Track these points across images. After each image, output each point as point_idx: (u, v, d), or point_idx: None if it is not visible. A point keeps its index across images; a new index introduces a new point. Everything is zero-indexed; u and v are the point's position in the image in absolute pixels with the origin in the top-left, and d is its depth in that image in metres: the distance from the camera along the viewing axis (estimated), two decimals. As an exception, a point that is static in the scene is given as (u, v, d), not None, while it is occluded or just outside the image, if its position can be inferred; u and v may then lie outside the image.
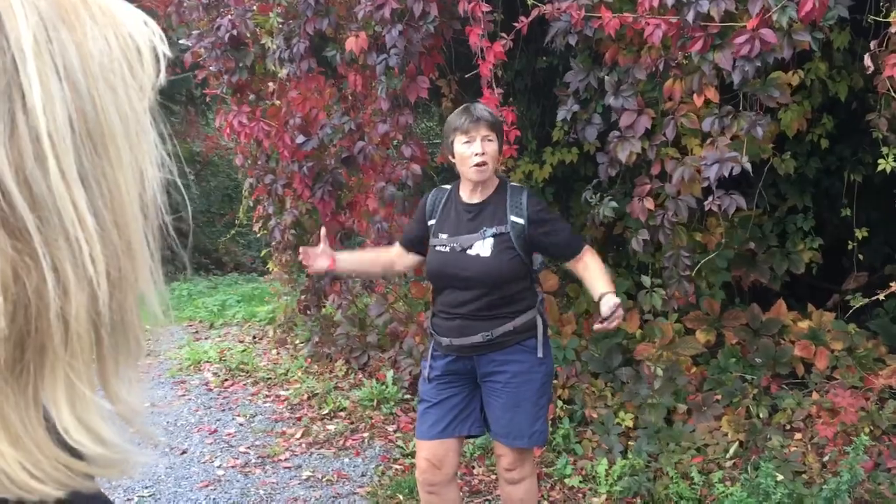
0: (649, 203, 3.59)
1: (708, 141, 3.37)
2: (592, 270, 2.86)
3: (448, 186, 3.03)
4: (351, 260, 3.19)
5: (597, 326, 2.73)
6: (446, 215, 2.94)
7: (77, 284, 0.43)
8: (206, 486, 4.22)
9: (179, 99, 13.37)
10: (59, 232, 0.42)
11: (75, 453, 0.45)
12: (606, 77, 3.56)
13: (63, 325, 0.43)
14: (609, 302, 2.70)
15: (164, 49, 0.52)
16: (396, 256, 3.18)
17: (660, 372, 4.15)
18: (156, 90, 0.51)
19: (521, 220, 2.81)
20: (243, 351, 6.85)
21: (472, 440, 4.18)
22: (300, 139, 4.62)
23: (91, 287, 0.44)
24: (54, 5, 0.44)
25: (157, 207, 0.51)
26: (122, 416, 0.49)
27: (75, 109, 0.44)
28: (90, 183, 0.44)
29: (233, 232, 8.94)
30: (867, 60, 3.01)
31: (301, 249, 3.12)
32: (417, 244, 3.07)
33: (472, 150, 2.79)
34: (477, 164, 2.79)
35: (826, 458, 3.88)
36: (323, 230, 3.17)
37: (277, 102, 4.94)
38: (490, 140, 2.81)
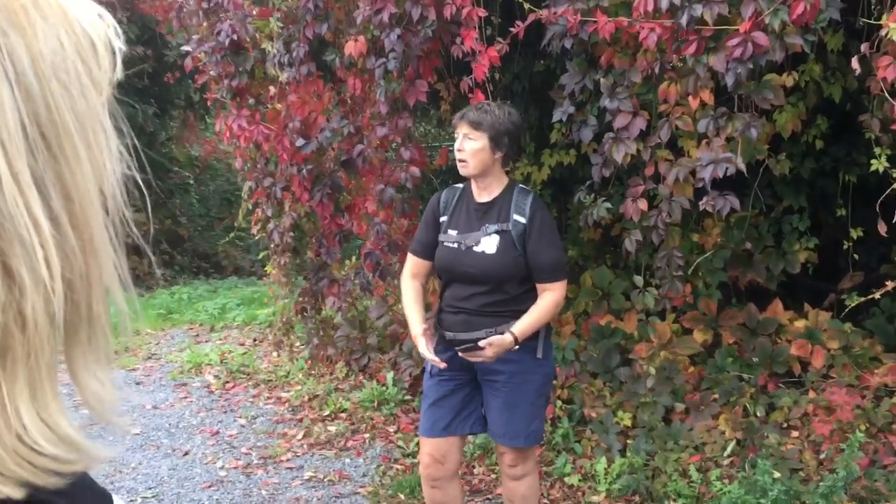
0: (643, 204, 3.63)
1: (703, 142, 3.41)
2: (536, 307, 2.85)
3: (460, 186, 3.08)
4: (421, 313, 3.09)
5: (459, 350, 2.77)
6: (458, 213, 3.00)
7: (34, 287, 0.43)
8: (209, 486, 4.25)
9: (178, 103, 13.40)
10: (13, 237, 0.42)
11: (39, 450, 0.45)
12: (602, 79, 3.60)
13: (21, 326, 0.43)
14: (496, 339, 2.74)
15: (119, 43, 0.51)
16: (421, 275, 3.13)
17: (652, 371, 4.19)
18: (113, 85, 0.51)
19: (522, 220, 2.86)
20: (244, 353, 6.88)
21: (473, 439, 4.22)
22: (299, 142, 4.65)
23: (46, 290, 0.44)
24: (2, 9, 0.43)
25: (117, 202, 0.50)
26: (92, 409, 0.49)
27: (27, 113, 0.43)
28: (45, 186, 0.44)
29: (231, 235, 8.95)
30: (854, 63, 3.05)
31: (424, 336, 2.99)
32: (434, 250, 3.07)
33: (455, 147, 2.92)
34: (459, 161, 2.90)
35: (822, 456, 3.92)
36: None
37: (277, 106, 4.97)
38: (470, 138, 2.86)
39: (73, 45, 0.47)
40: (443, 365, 2.86)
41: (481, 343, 2.78)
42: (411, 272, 3.14)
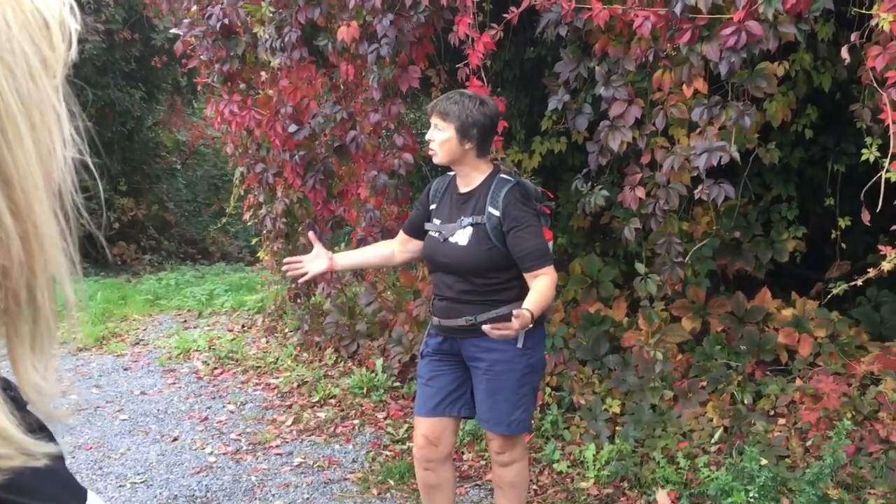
0: (640, 192, 3.64)
1: (697, 131, 3.42)
2: (535, 287, 2.80)
3: (451, 174, 3.09)
4: (350, 256, 3.21)
5: (485, 328, 2.62)
6: (444, 202, 3.02)
7: None
8: (198, 472, 4.25)
9: (165, 88, 13.31)
10: None
11: None
12: (597, 67, 3.60)
13: None
14: (518, 313, 2.62)
15: (74, 24, 0.49)
16: (399, 244, 3.22)
17: (659, 356, 4.19)
18: (68, 66, 0.48)
19: (496, 213, 2.85)
20: (232, 340, 6.87)
21: (463, 425, 4.23)
22: (292, 128, 4.64)
23: None
24: None
25: (68, 187, 0.48)
26: (30, 399, 0.48)
27: None
28: None
29: (224, 221, 8.91)
30: (844, 53, 3.06)
31: (286, 261, 3.10)
32: (419, 231, 3.11)
33: (427, 136, 2.95)
34: (429, 149, 2.95)
35: (809, 443, 3.96)
36: (311, 234, 3.18)
37: (269, 91, 4.95)
38: (438, 129, 2.87)
39: (21, 23, 0.45)
40: (494, 333, 2.63)
41: (514, 313, 2.61)
42: (397, 240, 3.25)
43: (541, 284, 2.81)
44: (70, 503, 0.53)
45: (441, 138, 2.86)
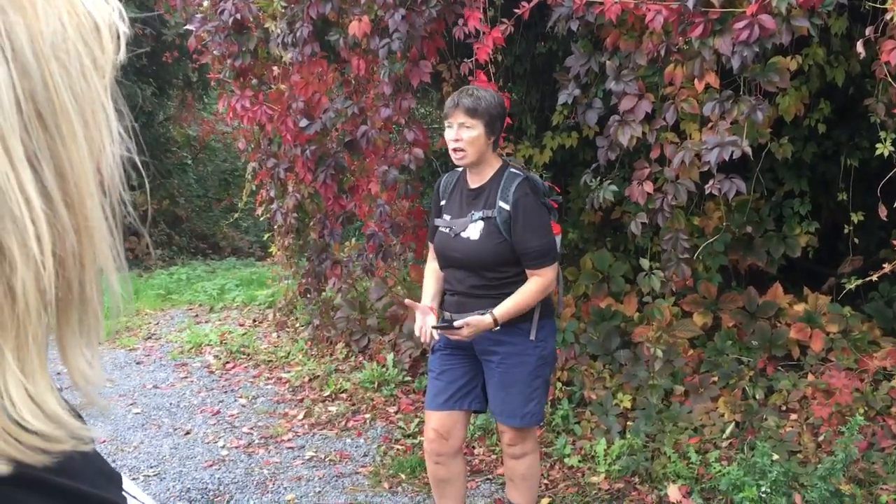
0: (648, 187, 3.63)
1: (708, 125, 3.41)
2: (520, 290, 2.85)
3: (460, 170, 3.08)
4: (434, 293, 3.12)
5: (434, 328, 2.86)
6: (454, 198, 3.02)
7: (24, 263, 0.43)
8: (211, 465, 4.27)
9: (176, 83, 13.35)
10: (4, 212, 0.43)
11: (26, 426, 0.44)
12: (608, 62, 3.59)
13: (10, 301, 0.43)
14: (472, 319, 2.79)
15: (123, 27, 0.51)
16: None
17: (659, 353, 4.21)
18: (116, 67, 0.51)
19: (506, 207, 2.85)
20: (244, 334, 6.90)
21: (473, 420, 4.24)
22: (303, 123, 4.64)
23: (37, 265, 0.44)
24: None
25: (115, 184, 0.50)
26: (78, 388, 0.49)
27: (23, 90, 0.44)
28: (39, 163, 0.44)
29: (236, 216, 8.95)
30: (859, 47, 3.05)
31: (411, 305, 3.04)
32: None
33: (449, 136, 2.87)
34: (454, 150, 2.86)
35: (821, 438, 3.95)
36: (408, 301, 3.09)
37: (280, 86, 4.96)
38: (467, 127, 2.82)
39: (76, 26, 0.47)
40: (451, 337, 2.89)
41: (457, 323, 2.82)
42: (432, 257, 3.19)
43: (526, 289, 2.86)
44: (110, 488, 0.54)
45: (471, 136, 2.82)
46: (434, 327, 2.91)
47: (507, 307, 2.83)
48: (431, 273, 3.14)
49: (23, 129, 0.44)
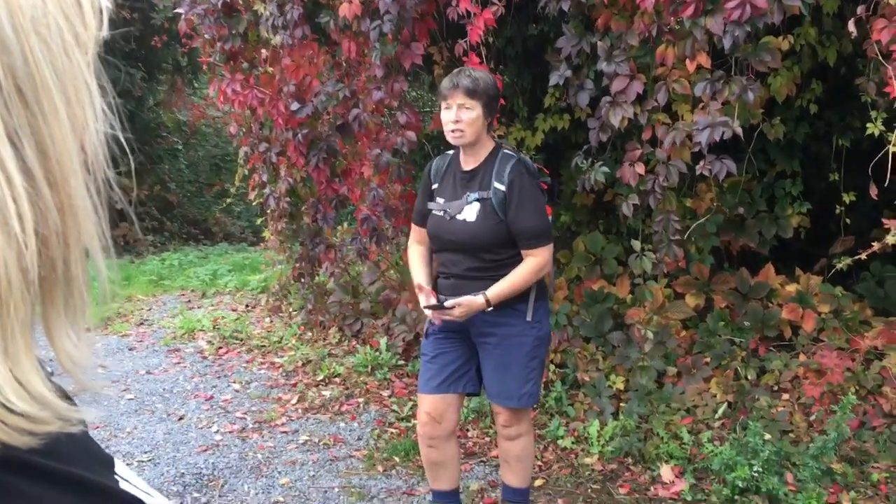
0: (640, 168, 3.63)
1: (699, 106, 3.41)
2: (515, 271, 2.86)
3: (451, 153, 3.08)
4: (426, 274, 3.12)
5: (426, 308, 2.89)
6: (446, 180, 3.01)
7: (5, 242, 0.43)
8: (205, 450, 4.28)
9: (166, 68, 13.26)
10: None
11: (11, 408, 0.44)
12: (599, 42, 3.58)
13: None
14: (464, 300, 2.81)
15: (106, 2, 0.50)
16: (423, 242, 3.16)
17: (650, 335, 4.22)
18: (99, 43, 0.50)
19: (502, 187, 2.85)
20: (236, 319, 6.89)
21: (467, 403, 4.25)
22: (294, 106, 4.62)
23: (18, 244, 0.43)
24: None
25: (100, 162, 0.49)
26: (64, 368, 0.49)
27: (2, 66, 0.43)
28: (20, 140, 0.43)
29: (228, 201, 8.93)
30: (851, 26, 3.04)
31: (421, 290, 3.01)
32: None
33: (448, 117, 2.86)
34: (452, 131, 2.86)
35: (813, 418, 3.97)
36: (418, 288, 3.05)
37: (271, 70, 4.93)
38: (467, 108, 2.83)
39: (56, 1, 0.46)
40: (438, 320, 2.91)
41: (447, 303, 2.82)
42: (415, 240, 3.19)
43: (521, 269, 2.87)
44: (101, 471, 0.54)
45: (470, 117, 2.83)
46: (425, 307, 2.91)
47: (500, 288, 2.84)
48: (418, 255, 3.14)
49: (2, 105, 0.43)
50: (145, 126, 12.54)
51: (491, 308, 2.85)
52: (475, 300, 2.82)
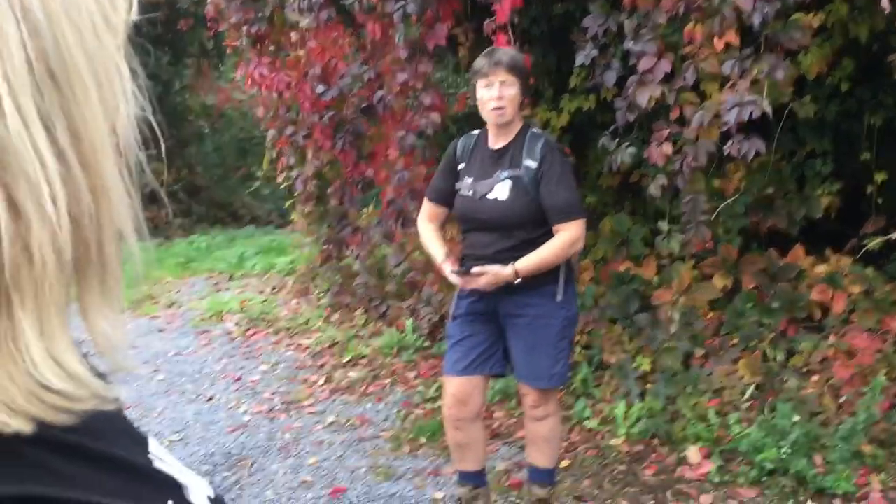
0: (667, 148, 3.59)
1: (728, 85, 3.36)
2: (547, 244, 2.85)
3: (476, 132, 3.08)
4: (441, 242, 3.14)
5: (454, 272, 2.88)
6: (474, 160, 3.01)
7: (39, 223, 0.43)
8: (234, 430, 4.33)
9: (191, 52, 13.31)
10: (18, 172, 0.42)
11: (48, 386, 0.44)
12: (626, 21, 3.54)
13: (28, 262, 0.43)
14: (492, 268, 2.80)
15: None
16: (438, 218, 3.17)
17: (676, 316, 4.19)
18: (129, 26, 0.50)
19: (533, 164, 2.86)
20: (264, 301, 6.95)
21: (493, 384, 4.26)
22: (320, 89, 4.62)
23: (52, 225, 0.43)
24: None
25: (131, 144, 0.50)
26: (99, 348, 0.49)
27: (34, 49, 0.43)
28: (52, 122, 0.44)
29: (258, 184, 8.99)
30: (884, 2, 2.97)
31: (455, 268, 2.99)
32: (451, 197, 3.09)
33: (489, 95, 2.86)
34: (494, 109, 2.86)
35: (842, 399, 3.93)
36: (448, 267, 3.02)
37: (298, 53, 4.93)
38: (508, 85, 2.85)
39: None
40: (467, 284, 2.89)
41: (474, 270, 2.81)
42: (427, 216, 3.18)
43: (553, 243, 2.86)
44: (135, 449, 0.55)
45: (511, 94, 2.85)
46: (452, 272, 2.89)
47: (530, 260, 2.83)
48: (431, 231, 3.14)
49: (35, 88, 0.43)
50: (172, 110, 12.62)
51: (519, 280, 2.83)
52: (503, 270, 2.81)
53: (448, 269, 2.93)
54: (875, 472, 3.46)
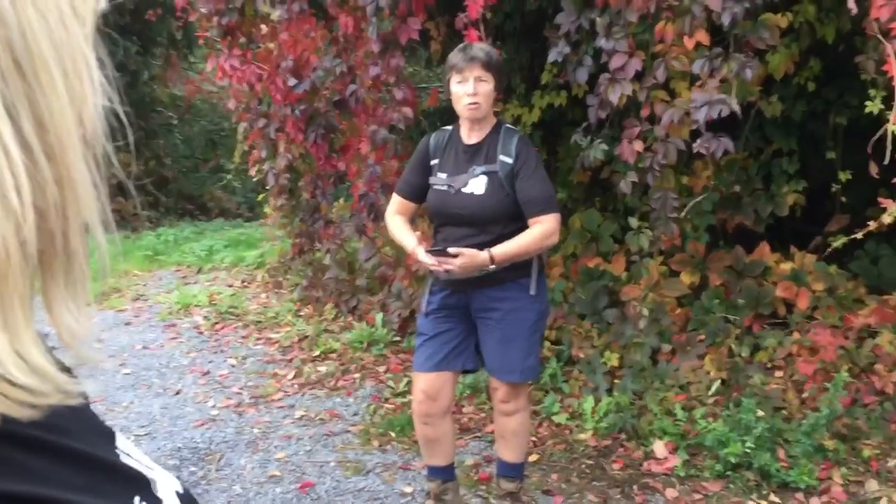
0: (638, 145, 3.62)
1: (698, 83, 3.40)
2: (523, 234, 2.87)
3: (449, 128, 3.09)
4: (411, 231, 3.11)
5: (428, 251, 2.84)
6: (448, 155, 3.01)
7: (3, 215, 0.42)
8: (201, 424, 4.30)
9: (160, 42, 13.15)
10: None
11: (12, 381, 0.44)
12: (598, 19, 3.56)
13: None
14: (468, 251, 2.78)
15: None
16: (408, 212, 3.16)
17: (646, 312, 4.23)
18: (97, 16, 0.49)
19: (509, 160, 2.88)
20: (233, 295, 6.90)
21: (462, 379, 4.27)
22: (292, 82, 4.59)
23: (17, 217, 0.43)
24: None
25: (98, 135, 0.49)
26: (64, 342, 0.49)
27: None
28: (17, 112, 0.43)
29: (229, 177, 8.90)
30: (851, 3, 3.02)
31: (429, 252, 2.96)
32: (422, 192, 3.09)
33: (464, 90, 2.86)
34: (468, 105, 2.86)
35: (805, 395, 4.00)
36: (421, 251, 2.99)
37: (269, 45, 4.89)
38: (483, 80, 2.85)
39: None
40: (441, 266, 2.84)
41: (451, 250, 2.80)
42: (395, 210, 3.17)
43: (529, 233, 2.87)
44: (102, 444, 0.54)
45: (486, 90, 2.86)
46: (428, 251, 2.87)
47: (506, 248, 2.84)
48: (402, 222, 3.12)
49: (0, 78, 0.43)
50: (140, 101, 12.46)
51: (493, 267, 2.83)
52: (479, 254, 2.80)
53: (422, 252, 2.91)
54: (836, 466, 3.53)
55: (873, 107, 3.37)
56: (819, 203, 5.16)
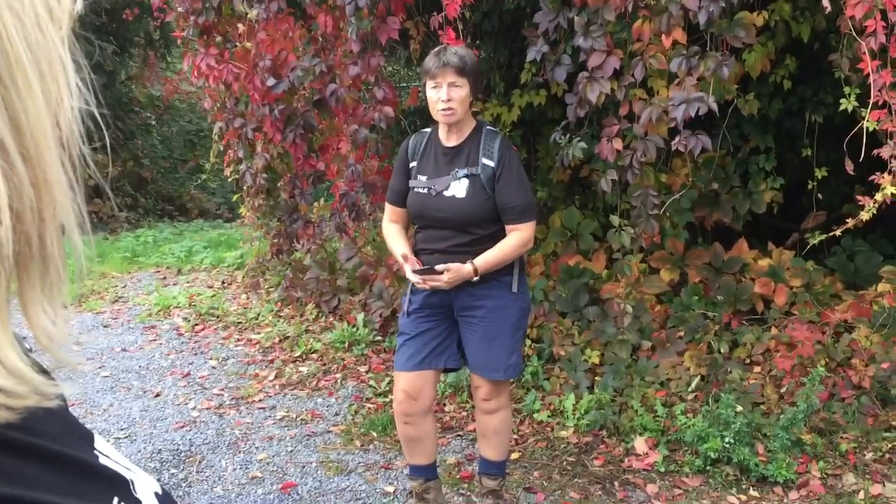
0: (617, 144, 3.64)
1: (675, 82, 3.42)
2: (501, 243, 2.90)
3: (427, 130, 3.09)
4: (405, 242, 3.12)
5: (416, 272, 2.88)
6: (427, 158, 3.01)
7: None
8: (182, 426, 4.27)
9: (138, 41, 13.05)
10: None
11: None
12: (576, 18, 3.57)
13: None
14: (454, 266, 2.82)
15: None
16: (398, 221, 3.16)
17: (629, 309, 4.26)
18: (73, 18, 0.49)
19: (491, 163, 2.88)
20: (213, 296, 6.86)
21: (444, 378, 4.28)
22: (270, 82, 4.57)
23: None
24: None
25: (75, 138, 0.49)
26: (40, 344, 0.49)
27: None
28: None
29: (205, 178, 8.85)
30: (825, 1, 3.06)
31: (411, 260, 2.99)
32: (408, 197, 3.08)
33: (438, 96, 2.86)
34: (442, 111, 2.87)
35: (783, 390, 4.04)
36: (404, 258, 3.01)
37: (246, 45, 4.87)
38: (457, 86, 2.85)
39: None
40: (425, 284, 2.89)
41: (438, 267, 2.84)
42: (390, 219, 3.19)
43: (507, 242, 2.91)
44: (80, 446, 0.54)
45: (461, 96, 2.86)
46: (415, 271, 2.90)
47: (487, 258, 2.87)
48: (396, 231, 3.14)
49: None
50: (117, 101, 12.36)
51: (477, 278, 2.87)
52: (463, 267, 2.85)
53: (409, 271, 2.93)
54: (814, 459, 3.57)
55: (848, 104, 3.41)
56: (796, 200, 5.21)
